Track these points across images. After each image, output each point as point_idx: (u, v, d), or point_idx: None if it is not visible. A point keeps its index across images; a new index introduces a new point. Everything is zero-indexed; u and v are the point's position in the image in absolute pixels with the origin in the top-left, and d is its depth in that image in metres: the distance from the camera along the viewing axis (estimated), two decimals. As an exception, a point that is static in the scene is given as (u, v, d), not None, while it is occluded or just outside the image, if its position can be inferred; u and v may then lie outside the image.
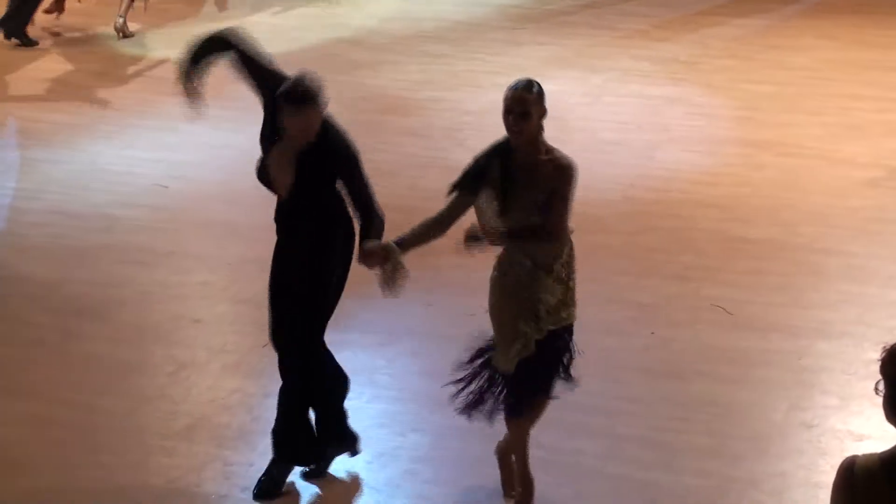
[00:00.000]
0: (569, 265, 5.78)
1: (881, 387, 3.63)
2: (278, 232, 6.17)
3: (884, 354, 3.64)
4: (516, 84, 5.65)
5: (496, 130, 10.92)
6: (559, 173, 5.59)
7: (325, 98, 5.90)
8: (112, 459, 6.63)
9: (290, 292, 6.12)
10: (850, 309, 7.96)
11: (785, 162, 10.19)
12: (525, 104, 5.59)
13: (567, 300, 5.78)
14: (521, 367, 5.78)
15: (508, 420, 5.98)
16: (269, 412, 6.94)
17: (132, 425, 6.92)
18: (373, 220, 5.95)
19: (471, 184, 5.70)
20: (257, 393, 7.15)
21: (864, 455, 3.67)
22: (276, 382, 7.19)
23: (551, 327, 5.76)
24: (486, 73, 12.09)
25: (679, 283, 8.33)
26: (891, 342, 3.68)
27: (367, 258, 5.75)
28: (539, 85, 5.68)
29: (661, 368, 7.34)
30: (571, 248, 5.80)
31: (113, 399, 7.15)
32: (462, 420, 6.72)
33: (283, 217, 6.14)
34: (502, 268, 5.77)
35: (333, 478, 6.44)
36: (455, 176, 5.79)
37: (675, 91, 11.79)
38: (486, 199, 5.68)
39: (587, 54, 12.83)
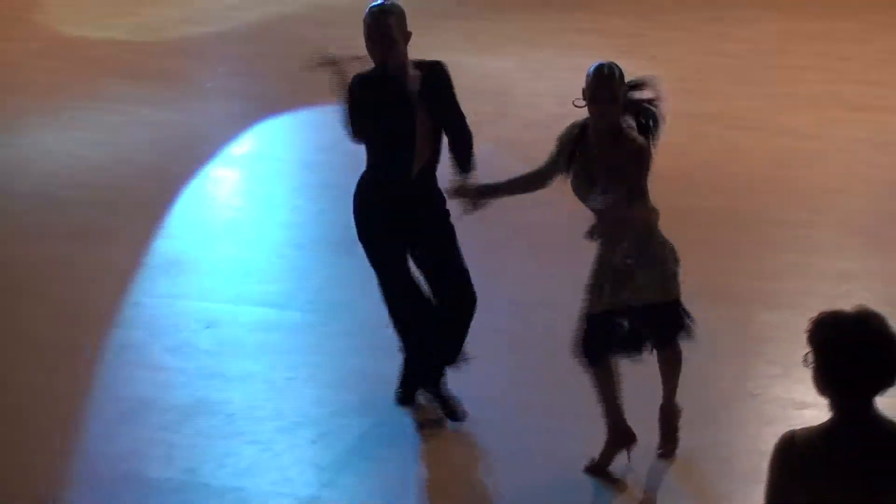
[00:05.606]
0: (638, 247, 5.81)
1: (810, 358, 3.61)
2: None
3: (810, 325, 3.62)
4: (599, 69, 5.61)
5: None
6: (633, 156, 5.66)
7: None
8: (52, 444, 6.56)
9: None
10: (794, 279, 7.98)
11: (729, 133, 10.20)
12: (612, 89, 5.59)
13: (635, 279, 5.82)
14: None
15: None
16: (212, 393, 6.92)
17: (72, 408, 6.85)
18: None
19: (558, 158, 5.80)
20: (199, 374, 7.10)
21: (801, 429, 3.67)
22: (218, 363, 7.19)
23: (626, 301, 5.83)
24: (432, 47, 11.98)
25: (624, 255, 8.31)
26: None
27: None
28: (619, 67, 5.66)
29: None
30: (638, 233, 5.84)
31: (53, 381, 7.08)
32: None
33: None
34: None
35: (277, 457, 6.40)
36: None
37: (619, 64, 11.74)
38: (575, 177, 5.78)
39: (532, 29, 12.80)
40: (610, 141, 5.68)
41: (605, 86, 5.58)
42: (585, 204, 5.81)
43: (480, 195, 6.00)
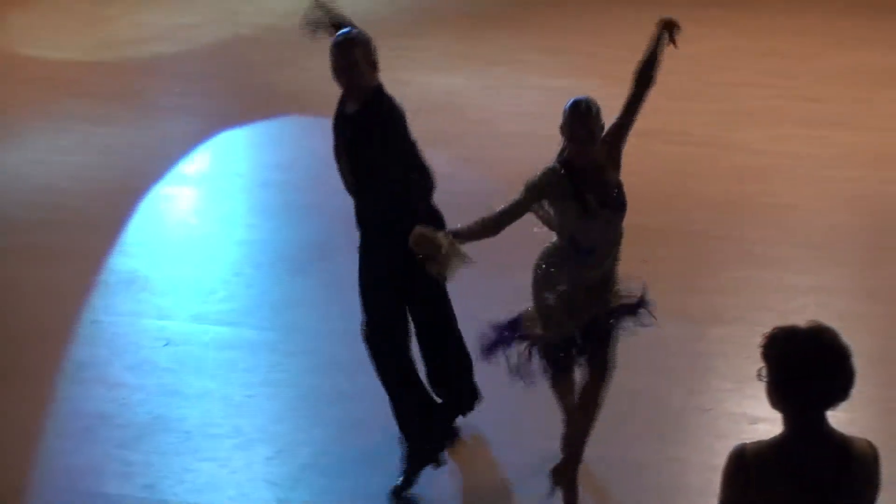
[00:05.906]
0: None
1: (763, 373, 3.67)
2: None
3: (764, 340, 3.67)
4: (576, 106, 5.60)
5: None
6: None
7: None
8: (10, 461, 6.57)
9: None
10: (744, 293, 8.05)
11: (675, 150, 10.21)
12: (589, 126, 5.60)
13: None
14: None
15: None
16: (170, 410, 6.94)
17: (32, 427, 6.86)
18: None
19: (533, 195, 5.76)
20: (157, 391, 7.12)
21: (752, 442, 3.71)
22: (177, 381, 7.20)
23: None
24: (386, 68, 12.03)
25: (577, 272, 8.36)
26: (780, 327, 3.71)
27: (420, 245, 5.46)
28: (596, 103, 5.66)
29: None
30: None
31: (12, 400, 7.08)
32: (362, 414, 6.76)
33: None
34: None
35: (233, 474, 6.43)
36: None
37: (572, 82, 11.80)
38: (556, 208, 5.82)
39: (487, 46, 12.84)
40: (594, 170, 5.72)
41: (582, 123, 5.57)
42: (595, 239, 5.89)
43: (442, 245, 5.54)
